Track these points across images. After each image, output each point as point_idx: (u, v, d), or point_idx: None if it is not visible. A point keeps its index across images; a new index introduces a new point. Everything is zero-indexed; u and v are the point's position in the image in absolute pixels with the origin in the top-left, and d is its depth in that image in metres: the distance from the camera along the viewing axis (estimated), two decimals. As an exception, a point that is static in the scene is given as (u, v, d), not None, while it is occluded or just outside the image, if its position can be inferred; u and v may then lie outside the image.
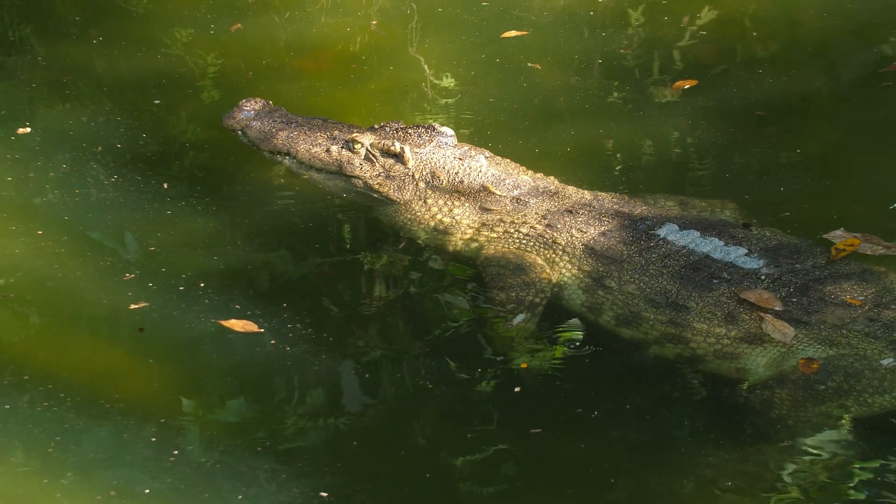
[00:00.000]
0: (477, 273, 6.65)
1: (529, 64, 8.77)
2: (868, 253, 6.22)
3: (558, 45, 9.06)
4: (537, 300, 6.37)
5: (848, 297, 5.96)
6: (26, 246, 6.80)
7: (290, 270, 6.85)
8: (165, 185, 7.39)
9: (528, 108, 8.29)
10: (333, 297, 6.65)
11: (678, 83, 8.48)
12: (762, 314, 5.93)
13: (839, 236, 6.30)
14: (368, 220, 7.07)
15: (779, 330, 5.87)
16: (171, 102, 8.29)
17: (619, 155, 7.80)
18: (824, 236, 6.37)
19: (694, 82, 8.46)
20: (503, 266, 6.49)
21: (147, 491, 5.45)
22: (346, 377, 6.11)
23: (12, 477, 5.51)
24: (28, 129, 7.84)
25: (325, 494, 5.46)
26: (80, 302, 6.45)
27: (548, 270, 6.43)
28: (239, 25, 9.18)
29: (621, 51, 8.95)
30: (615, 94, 8.49)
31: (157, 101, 8.30)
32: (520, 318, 6.31)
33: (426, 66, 8.73)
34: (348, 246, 7.01)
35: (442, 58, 8.85)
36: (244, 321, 6.28)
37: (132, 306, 6.39)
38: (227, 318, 6.30)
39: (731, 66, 8.76)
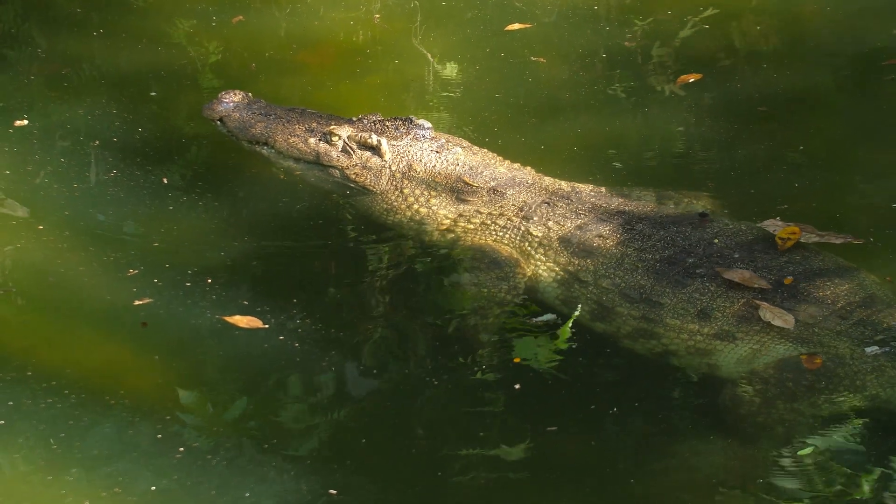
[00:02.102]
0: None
1: (533, 58, 8.74)
2: (801, 241, 6.18)
3: (562, 39, 9.03)
4: (509, 297, 6.36)
5: (786, 279, 5.98)
6: (27, 240, 6.75)
7: (295, 266, 6.82)
8: (165, 180, 7.34)
9: (533, 103, 8.26)
10: (340, 292, 6.62)
11: (683, 77, 8.45)
12: (758, 301, 5.91)
13: (774, 225, 6.29)
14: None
15: (778, 317, 5.85)
16: (170, 95, 8.24)
17: (623, 150, 7.77)
18: (759, 225, 6.34)
19: (698, 76, 8.44)
20: (478, 259, 6.48)
21: (153, 488, 5.41)
22: (354, 374, 6.08)
23: (16, 474, 5.47)
24: (25, 122, 7.78)
25: (333, 492, 5.43)
26: (84, 297, 6.40)
27: (523, 265, 6.41)
28: (241, 17, 9.14)
29: (626, 44, 8.93)
30: (619, 89, 8.46)
31: (153, 94, 8.24)
32: (548, 316, 6.28)
33: (432, 60, 8.69)
34: (353, 240, 6.97)
35: (446, 51, 8.82)
36: (249, 318, 6.24)
37: (136, 302, 6.35)
38: (233, 314, 6.26)
39: (734, 61, 8.74)
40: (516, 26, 9.09)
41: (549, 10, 9.35)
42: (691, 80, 8.41)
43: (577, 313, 6.20)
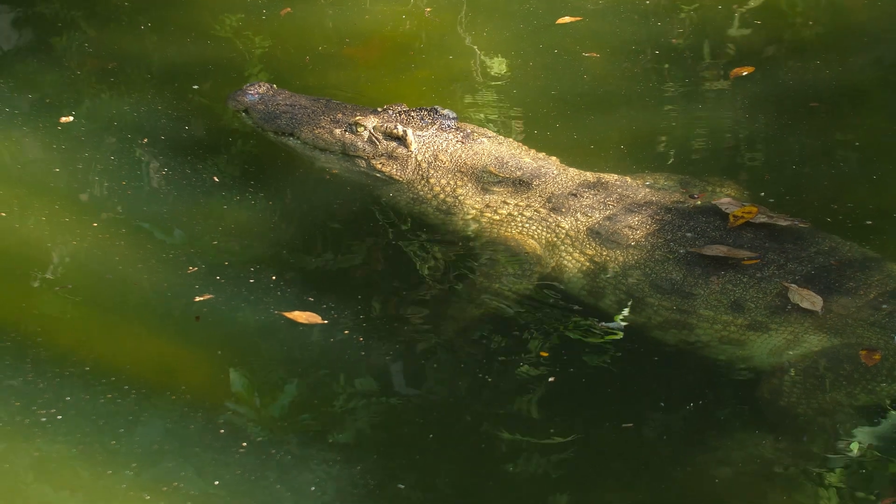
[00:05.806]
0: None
1: (586, 53, 8.68)
2: (751, 221, 6.17)
3: (613, 33, 8.99)
4: (514, 296, 6.33)
5: (746, 259, 5.97)
6: (83, 238, 6.74)
7: (352, 261, 6.81)
8: (216, 179, 7.32)
9: (589, 99, 8.20)
10: (397, 287, 6.60)
11: (736, 70, 8.41)
12: (787, 283, 5.88)
13: (728, 205, 6.29)
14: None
15: (807, 299, 5.83)
16: (217, 90, 8.21)
17: (677, 145, 7.74)
18: (714, 202, 6.35)
19: (751, 69, 8.39)
20: (501, 252, 6.46)
21: (216, 482, 5.39)
22: (418, 368, 6.07)
23: (75, 469, 5.46)
24: (71, 118, 7.77)
25: (401, 486, 5.41)
26: (143, 294, 6.39)
27: (543, 261, 6.38)
28: (288, 10, 9.12)
29: (673, 40, 8.89)
30: (672, 84, 8.41)
31: (195, 87, 8.21)
32: (615, 324, 6.23)
33: (479, 54, 8.66)
34: (407, 234, 6.95)
35: (496, 46, 8.79)
36: (308, 313, 6.23)
37: (197, 298, 6.33)
38: (293, 310, 6.24)
39: (783, 55, 8.69)
40: (567, 19, 9.06)
41: (600, 3, 9.30)
42: (744, 74, 8.36)
43: (621, 321, 6.18)
